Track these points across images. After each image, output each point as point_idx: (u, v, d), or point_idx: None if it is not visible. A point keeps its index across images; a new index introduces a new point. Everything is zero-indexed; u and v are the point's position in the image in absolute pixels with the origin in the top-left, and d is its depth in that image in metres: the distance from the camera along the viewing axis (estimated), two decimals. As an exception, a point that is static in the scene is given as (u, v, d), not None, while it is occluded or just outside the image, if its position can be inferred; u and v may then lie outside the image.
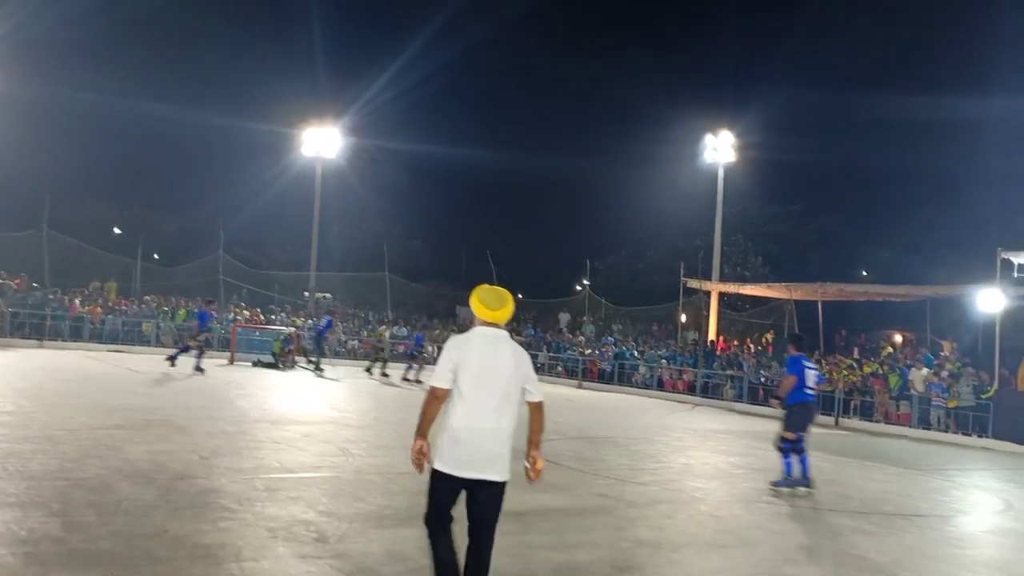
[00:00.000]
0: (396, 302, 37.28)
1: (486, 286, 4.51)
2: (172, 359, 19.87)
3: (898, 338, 26.09)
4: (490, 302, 4.39)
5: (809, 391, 9.56)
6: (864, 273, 35.91)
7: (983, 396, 17.84)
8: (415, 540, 5.74)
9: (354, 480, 7.90)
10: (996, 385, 17.75)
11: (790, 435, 9.34)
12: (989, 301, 18.19)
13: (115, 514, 5.80)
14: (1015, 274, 17.68)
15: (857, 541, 6.96)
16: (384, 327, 28.30)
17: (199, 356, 19.74)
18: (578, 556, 5.74)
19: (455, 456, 4.27)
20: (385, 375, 22.96)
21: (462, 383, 4.24)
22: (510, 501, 7.28)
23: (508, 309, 4.42)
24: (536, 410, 4.47)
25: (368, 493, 7.31)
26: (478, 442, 4.25)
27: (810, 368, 9.67)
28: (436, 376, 4.32)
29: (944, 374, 19.19)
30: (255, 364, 24.28)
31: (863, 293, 25.97)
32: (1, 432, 8.81)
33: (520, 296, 42.85)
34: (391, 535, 5.87)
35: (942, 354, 21.09)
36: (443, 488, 4.34)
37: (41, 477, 6.77)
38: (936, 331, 24.48)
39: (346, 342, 31.49)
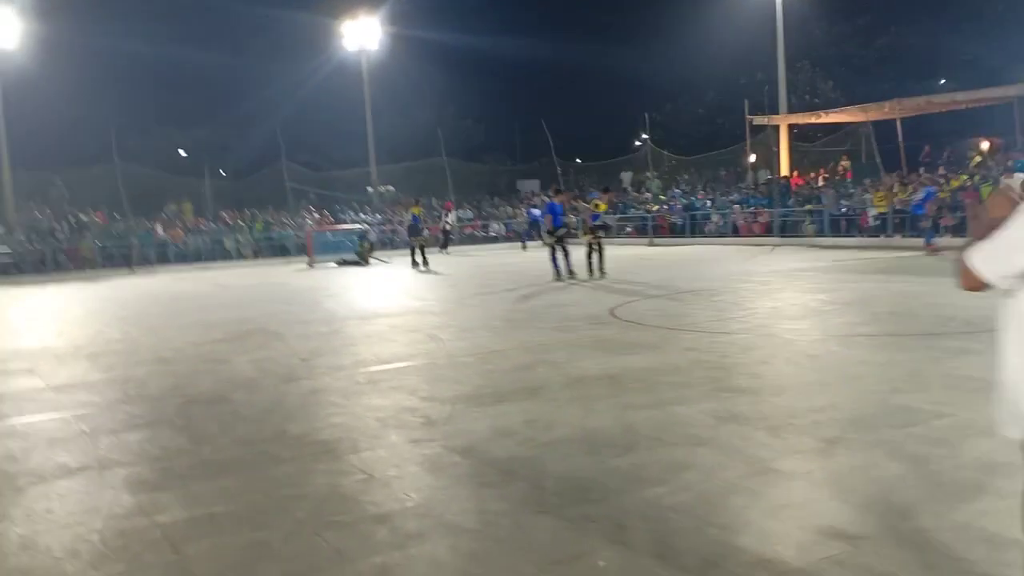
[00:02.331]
0: (457, 184, 37.23)
1: None
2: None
3: (985, 145, 24.80)
4: None
5: None
6: (942, 82, 33.89)
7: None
8: (516, 415, 5.90)
9: (448, 364, 8.09)
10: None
11: None
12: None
13: (235, 422, 6.11)
14: None
15: (964, 361, 6.82)
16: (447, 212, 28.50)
17: (563, 255, 16.06)
18: (678, 411, 5.80)
19: None
20: (424, 262, 22.06)
21: None
22: (602, 365, 7.44)
23: None
24: None
25: (464, 375, 7.49)
26: None
27: None
28: (995, 258, 2.27)
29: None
30: (340, 263, 24.93)
31: (944, 103, 24.57)
32: (115, 359, 9.30)
33: (579, 160, 42.21)
34: (493, 412, 6.02)
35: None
36: None
37: (160, 397, 7.15)
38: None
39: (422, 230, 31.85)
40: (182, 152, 42.61)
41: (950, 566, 3.25)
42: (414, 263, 22.10)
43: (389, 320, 11.83)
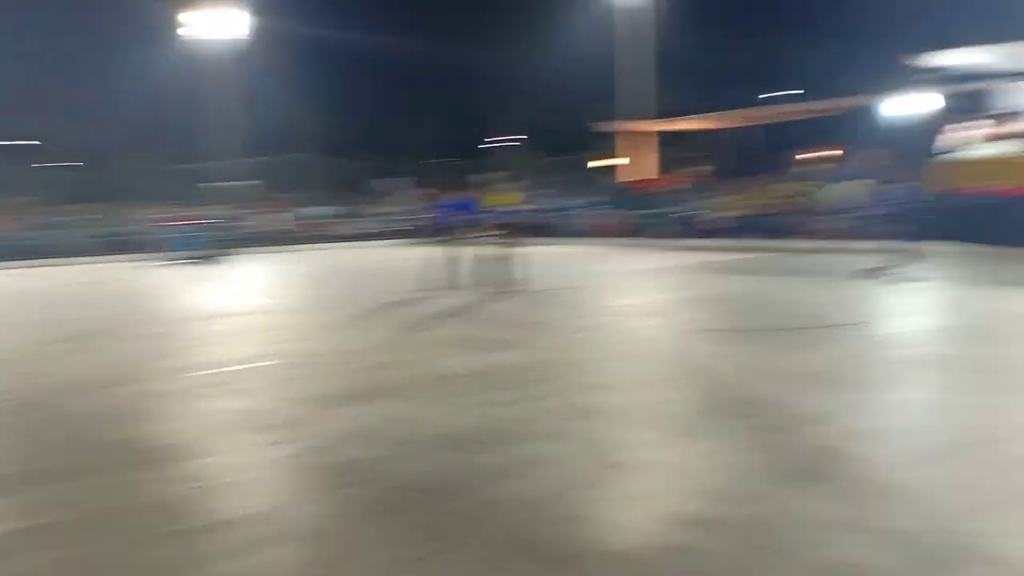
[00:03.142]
0: (320, 179, 36.41)
1: None
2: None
3: (833, 153, 26.43)
4: None
5: None
6: (791, 93, 35.86)
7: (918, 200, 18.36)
8: (374, 414, 5.73)
9: (302, 364, 7.79)
10: (926, 187, 18.24)
11: None
12: (906, 105, 18.35)
13: (60, 429, 5.62)
14: (925, 76, 17.68)
15: (806, 355, 7.17)
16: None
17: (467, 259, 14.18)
18: (544, 405, 5.81)
19: None
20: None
21: None
22: (464, 362, 7.37)
23: None
24: None
25: (318, 375, 7.24)
26: None
27: None
28: None
29: (880, 183, 19.64)
30: (190, 260, 23.83)
31: (795, 112, 26.10)
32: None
33: (440, 159, 42.17)
34: (350, 412, 5.83)
35: (873, 163, 21.46)
36: None
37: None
38: (863, 141, 24.80)
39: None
40: (17, 141, 39.57)
41: (791, 548, 3.37)
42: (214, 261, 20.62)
43: (238, 319, 11.32)
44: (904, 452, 4.58)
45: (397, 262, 21.29)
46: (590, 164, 31.60)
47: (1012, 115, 18.18)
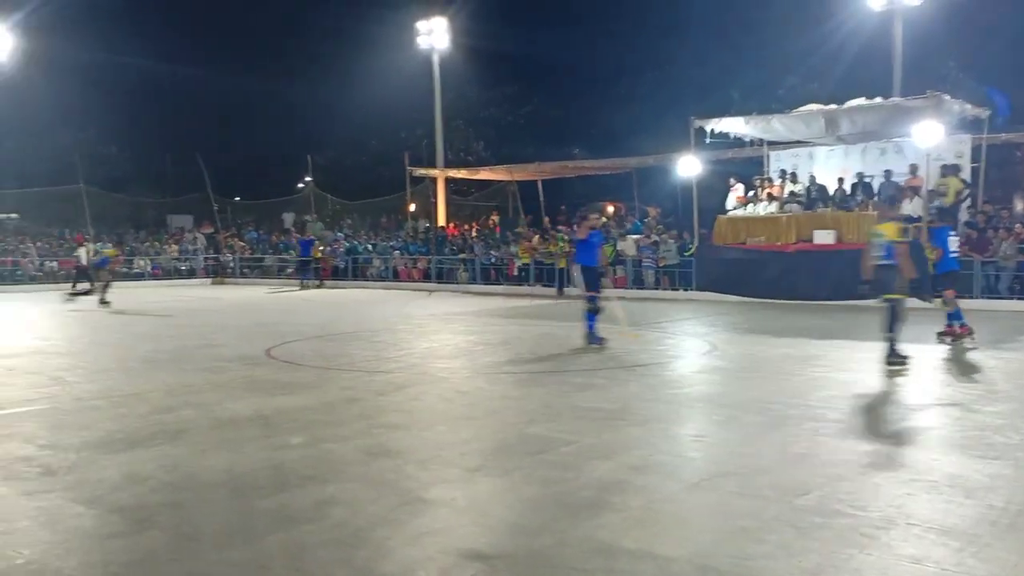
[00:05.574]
0: (96, 216, 33.79)
1: None
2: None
3: (611, 209, 28.22)
4: None
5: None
6: (576, 151, 38.05)
7: (686, 254, 20.02)
8: (153, 460, 5.45)
9: (75, 409, 7.25)
10: (696, 243, 19.92)
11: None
12: (686, 167, 20.06)
13: None
14: (707, 140, 19.49)
15: (588, 395, 7.61)
16: (85, 247, 24.52)
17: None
18: (331, 448, 5.76)
19: None
20: (105, 302, 19.07)
21: None
22: (254, 406, 7.15)
23: None
24: None
25: (93, 420, 6.76)
26: None
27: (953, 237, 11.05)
28: None
29: (652, 238, 21.24)
30: None
31: (577, 168, 27.68)
32: None
33: (238, 199, 40.76)
34: (127, 458, 5.50)
35: (647, 220, 23.18)
36: None
37: None
38: (642, 199, 26.76)
39: (41, 264, 28.50)
40: None
41: (574, 576, 3.57)
42: None
43: (3, 361, 10.29)
44: (674, 481, 4.98)
45: (174, 302, 20.18)
46: (411, 208, 31.72)
47: (774, 178, 20.39)
